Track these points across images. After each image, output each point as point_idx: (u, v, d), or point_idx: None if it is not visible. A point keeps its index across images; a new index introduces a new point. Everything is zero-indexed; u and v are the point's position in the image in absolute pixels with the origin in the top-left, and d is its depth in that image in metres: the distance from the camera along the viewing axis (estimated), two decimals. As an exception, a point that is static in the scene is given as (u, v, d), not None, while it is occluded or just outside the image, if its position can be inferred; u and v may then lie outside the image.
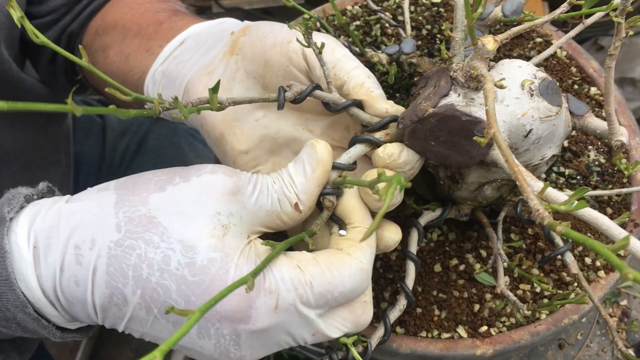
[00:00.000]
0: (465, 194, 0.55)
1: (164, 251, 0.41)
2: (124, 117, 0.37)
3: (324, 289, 0.43)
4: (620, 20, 0.42)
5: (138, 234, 0.42)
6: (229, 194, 0.44)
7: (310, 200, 0.47)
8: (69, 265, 0.42)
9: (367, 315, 0.47)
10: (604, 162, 0.66)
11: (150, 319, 0.43)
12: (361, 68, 0.52)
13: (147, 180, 0.45)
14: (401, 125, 0.48)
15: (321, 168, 0.46)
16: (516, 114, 0.46)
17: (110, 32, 0.70)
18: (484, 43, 0.43)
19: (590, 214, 0.38)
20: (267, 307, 0.42)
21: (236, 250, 0.42)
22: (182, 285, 0.41)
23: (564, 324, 0.56)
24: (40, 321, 0.45)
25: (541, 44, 0.74)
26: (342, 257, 0.44)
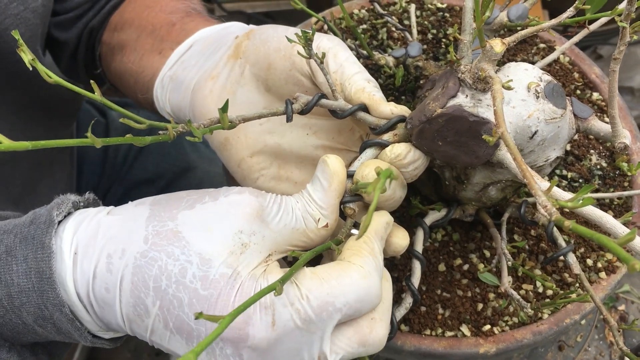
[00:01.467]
0: (470, 195, 0.56)
1: (182, 263, 0.43)
2: (140, 144, 0.38)
3: (322, 302, 0.41)
4: (625, 24, 0.43)
5: (162, 247, 0.43)
6: (254, 213, 0.45)
7: (333, 213, 0.47)
8: (101, 273, 0.44)
9: (375, 334, 0.45)
10: (605, 165, 0.67)
11: (167, 333, 0.44)
12: (362, 73, 0.52)
13: (180, 198, 0.47)
14: (409, 125, 0.49)
15: (336, 180, 0.47)
16: (522, 116, 0.47)
17: (127, 30, 0.72)
18: (492, 45, 0.44)
19: (595, 213, 0.39)
20: (264, 323, 0.41)
21: (247, 268, 0.43)
22: (193, 299, 0.42)
23: (566, 323, 0.57)
24: (75, 322, 0.46)
25: (544, 50, 0.75)
26: (342, 266, 0.44)
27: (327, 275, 0.43)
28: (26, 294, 0.45)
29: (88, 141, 0.33)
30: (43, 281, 0.45)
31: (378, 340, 0.45)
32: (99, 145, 0.33)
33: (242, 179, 0.58)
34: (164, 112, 0.65)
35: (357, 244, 0.46)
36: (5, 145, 0.28)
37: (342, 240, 0.48)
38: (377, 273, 0.44)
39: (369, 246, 0.45)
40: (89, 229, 0.46)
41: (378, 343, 0.45)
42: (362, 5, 0.78)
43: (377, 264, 0.45)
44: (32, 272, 0.45)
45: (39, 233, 0.46)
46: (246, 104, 0.56)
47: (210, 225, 0.44)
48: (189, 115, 0.59)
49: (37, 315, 0.46)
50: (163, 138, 0.40)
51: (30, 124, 0.79)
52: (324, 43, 0.52)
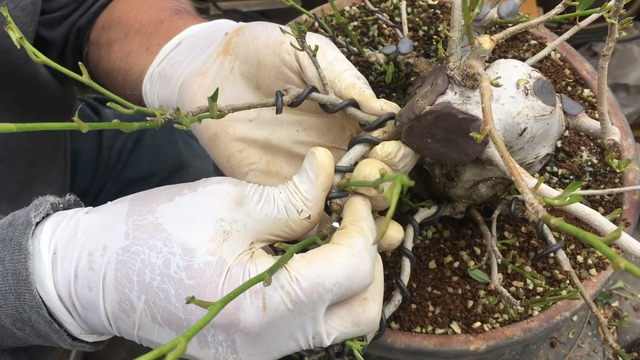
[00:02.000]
0: (461, 192, 0.56)
1: (165, 255, 0.42)
2: (128, 130, 0.38)
3: (311, 283, 0.41)
4: (613, 21, 0.43)
5: (144, 240, 0.43)
6: (234, 201, 0.45)
7: (318, 205, 0.47)
8: (82, 271, 0.44)
9: (368, 313, 0.45)
10: (596, 162, 0.67)
11: (156, 327, 0.44)
12: (351, 70, 0.53)
13: (159, 192, 0.47)
14: (398, 122, 0.49)
15: (324, 173, 0.47)
16: (511, 113, 0.47)
17: (115, 28, 0.71)
18: (480, 42, 0.44)
19: (583, 210, 0.39)
20: (255, 307, 0.41)
21: (233, 255, 0.43)
22: (180, 289, 0.42)
23: (556, 320, 0.57)
24: (53, 325, 0.45)
25: (535, 47, 0.75)
26: (330, 247, 0.43)
27: (316, 257, 0.43)
28: (3, 296, 0.45)
29: (75, 125, 0.32)
30: (20, 283, 0.44)
31: (371, 320, 0.45)
32: (85, 130, 0.33)
33: (232, 174, 0.57)
34: (152, 108, 0.64)
35: (345, 226, 0.46)
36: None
37: (327, 234, 0.48)
38: (367, 252, 0.44)
39: (357, 226, 0.45)
40: (68, 229, 0.46)
41: (371, 322, 0.45)
42: (353, 2, 0.78)
43: (366, 242, 0.44)
44: (8, 274, 0.44)
45: (17, 235, 0.45)
46: (236, 100, 0.55)
47: (190, 216, 0.44)
48: None
49: (15, 317, 0.45)
50: (151, 125, 0.40)
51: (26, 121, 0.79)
52: (312, 41, 0.52)
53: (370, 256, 0.44)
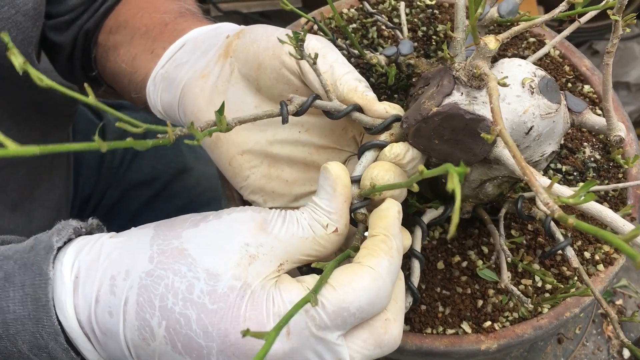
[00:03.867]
0: (467, 192, 0.56)
1: (190, 280, 0.42)
2: (142, 148, 0.38)
3: (337, 308, 0.41)
4: (617, 18, 0.43)
5: (168, 265, 0.43)
6: (258, 226, 0.45)
7: (342, 217, 0.46)
8: (104, 296, 0.43)
9: (390, 334, 0.44)
10: (599, 158, 0.67)
11: (176, 355, 0.43)
12: (352, 73, 0.52)
13: (184, 219, 0.47)
14: (405, 124, 0.49)
15: (340, 184, 0.46)
16: (517, 112, 0.47)
17: (122, 31, 0.71)
18: (486, 42, 0.44)
19: (595, 208, 0.39)
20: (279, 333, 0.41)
21: (257, 278, 0.42)
22: (202, 314, 0.41)
23: (566, 317, 0.57)
24: (69, 353, 0.45)
25: (534, 44, 0.75)
26: (354, 270, 0.43)
27: (340, 281, 0.42)
28: (21, 321, 0.44)
29: (95, 145, 0.32)
30: (39, 309, 0.44)
31: (393, 341, 0.45)
32: (104, 149, 0.33)
33: (233, 176, 0.57)
34: (155, 111, 0.64)
35: (374, 242, 0.44)
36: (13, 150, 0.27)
37: (358, 246, 0.47)
38: (390, 274, 0.43)
39: (387, 245, 0.44)
40: (92, 253, 0.45)
41: (393, 343, 0.45)
42: (351, 4, 0.78)
43: (391, 264, 0.43)
44: (28, 299, 0.44)
45: (38, 259, 0.45)
46: (237, 103, 0.56)
47: (215, 241, 0.44)
48: (179, 113, 0.59)
49: (32, 344, 0.45)
50: (163, 142, 0.40)
51: (26, 129, 0.78)
52: (312, 44, 0.52)
53: (392, 279, 0.43)
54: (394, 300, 0.45)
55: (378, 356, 0.45)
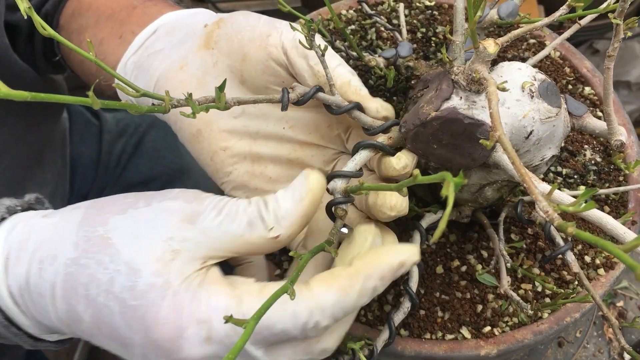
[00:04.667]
0: (466, 196, 0.55)
1: (111, 273, 0.41)
2: (136, 112, 0.37)
3: (260, 324, 0.39)
4: (618, 21, 0.43)
5: (92, 254, 0.42)
6: (186, 219, 0.43)
7: (292, 228, 0.44)
8: (33, 278, 0.43)
9: (322, 343, 0.43)
10: (600, 160, 0.67)
11: (103, 339, 0.43)
12: (344, 66, 0.52)
13: (114, 201, 0.45)
14: (404, 129, 0.48)
15: (310, 197, 0.44)
16: (517, 116, 0.47)
17: (85, 14, 0.68)
18: (485, 46, 0.43)
19: (596, 215, 0.39)
20: (198, 337, 0.40)
21: (180, 276, 0.41)
22: (124, 309, 0.41)
23: (566, 322, 0.56)
24: (10, 328, 0.45)
25: (535, 45, 0.75)
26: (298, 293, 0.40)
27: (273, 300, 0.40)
28: None
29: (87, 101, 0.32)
30: None
31: (324, 350, 0.44)
32: (97, 107, 0.32)
33: (215, 172, 0.56)
34: (126, 99, 0.62)
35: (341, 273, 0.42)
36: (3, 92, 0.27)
37: (333, 241, 0.46)
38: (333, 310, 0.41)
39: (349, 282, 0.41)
40: (23, 232, 0.45)
41: (324, 351, 0.44)
42: (349, 5, 0.77)
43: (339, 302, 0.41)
44: None
45: None
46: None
47: (140, 233, 0.42)
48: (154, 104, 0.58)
49: None
50: (158, 109, 0.39)
51: (10, 119, 0.76)
52: (302, 36, 0.51)
53: (334, 315, 0.41)
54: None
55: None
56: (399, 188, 0.37)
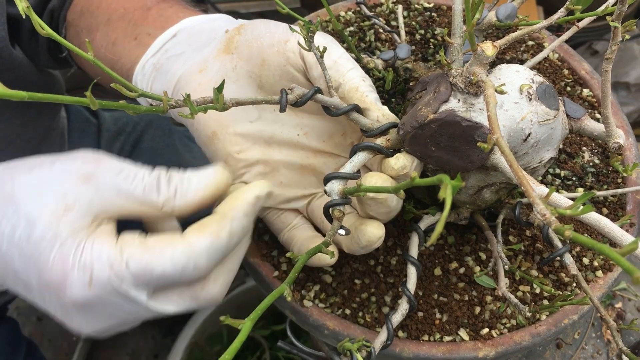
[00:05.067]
0: (465, 198, 0.55)
1: (13, 224, 0.44)
2: (134, 113, 0.38)
3: (139, 269, 0.43)
4: (616, 24, 0.43)
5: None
6: (82, 177, 0.46)
7: (185, 210, 0.48)
8: None
9: (206, 292, 0.47)
10: (598, 162, 0.67)
11: (12, 284, 0.47)
12: (356, 70, 0.52)
13: (25, 162, 0.49)
14: (402, 131, 0.48)
15: (212, 190, 0.48)
16: (515, 118, 0.47)
17: (95, 12, 0.69)
18: (483, 49, 0.43)
19: (593, 217, 0.39)
20: (81, 281, 0.43)
21: (69, 228, 0.44)
22: (22, 256, 0.44)
23: (564, 324, 0.56)
24: None
25: (533, 47, 0.75)
26: (172, 240, 0.45)
27: (153, 244, 0.44)
28: None
29: (85, 101, 0.32)
30: None
31: (210, 297, 0.47)
32: (95, 107, 0.33)
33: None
34: (142, 101, 0.63)
35: (208, 220, 0.46)
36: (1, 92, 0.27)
37: (329, 242, 0.47)
38: (208, 252, 0.45)
39: (219, 225, 0.46)
40: None
41: (210, 300, 0.47)
42: (348, 7, 0.77)
43: (213, 244, 0.45)
44: None
45: None
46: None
47: (40, 189, 0.46)
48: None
49: None
50: (157, 109, 0.40)
51: (6, 115, 0.76)
52: (318, 40, 0.52)
53: (211, 256, 0.45)
54: (221, 264, 0.48)
55: (196, 307, 0.47)
56: (396, 190, 0.37)
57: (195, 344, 1.33)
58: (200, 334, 1.34)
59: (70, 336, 1.62)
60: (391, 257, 0.60)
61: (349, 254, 0.60)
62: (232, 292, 1.37)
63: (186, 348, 1.29)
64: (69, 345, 1.60)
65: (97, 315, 0.45)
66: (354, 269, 0.60)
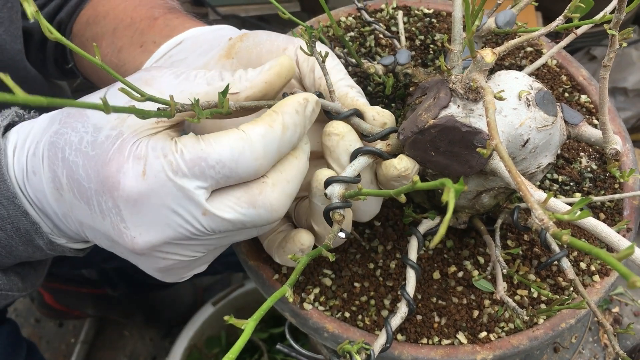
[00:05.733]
0: (463, 202, 0.56)
1: (81, 134, 0.45)
2: (144, 118, 0.39)
3: (195, 156, 0.43)
4: (614, 32, 0.43)
5: (69, 123, 0.47)
6: (144, 82, 0.47)
7: (251, 90, 0.48)
8: (30, 159, 0.48)
9: (265, 196, 0.46)
10: (595, 168, 0.67)
11: (77, 203, 0.46)
12: (346, 80, 0.53)
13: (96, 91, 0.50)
14: (402, 136, 0.49)
15: (277, 68, 0.48)
16: (514, 124, 0.47)
17: (101, 22, 0.71)
18: (482, 56, 0.44)
19: (590, 222, 0.39)
20: (134, 172, 0.43)
21: (132, 128, 0.44)
22: (85, 160, 0.45)
23: (561, 328, 0.57)
24: (28, 217, 0.49)
25: (532, 53, 0.75)
26: (226, 131, 0.45)
27: (207, 136, 0.44)
28: None
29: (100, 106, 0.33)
30: None
31: (269, 203, 0.46)
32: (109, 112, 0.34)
33: None
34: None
35: (261, 117, 0.46)
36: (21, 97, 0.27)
37: (330, 245, 0.47)
38: (263, 140, 0.45)
39: (270, 118, 0.46)
40: (27, 126, 0.50)
41: (269, 206, 0.46)
42: (349, 12, 0.78)
43: (267, 132, 0.45)
44: None
45: None
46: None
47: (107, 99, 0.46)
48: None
49: None
50: (165, 114, 0.40)
51: None
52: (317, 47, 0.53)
53: (267, 145, 0.45)
54: (279, 171, 0.47)
55: (256, 218, 0.46)
56: (397, 194, 0.37)
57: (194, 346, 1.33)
58: (198, 337, 1.35)
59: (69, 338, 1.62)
60: (390, 260, 0.61)
61: (349, 258, 0.61)
62: (231, 294, 1.38)
63: (184, 350, 1.30)
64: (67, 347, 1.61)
65: (151, 217, 0.44)
66: (354, 273, 0.60)
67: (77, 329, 1.62)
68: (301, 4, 1.64)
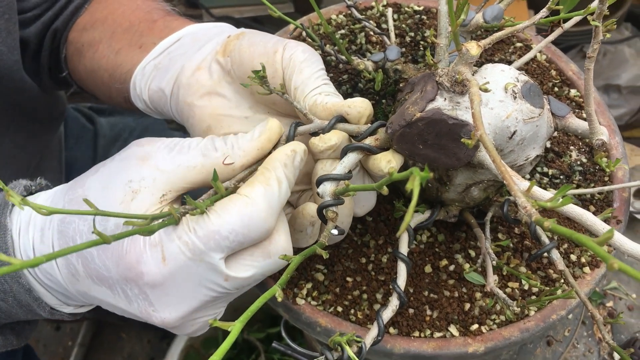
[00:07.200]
0: (453, 196, 0.56)
1: (89, 222, 0.47)
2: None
3: (207, 231, 0.44)
4: (597, 23, 0.44)
5: None
6: (140, 160, 0.48)
7: (245, 158, 0.49)
8: (38, 245, 0.49)
9: (275, 243, 0.47)
10: (585, 161, 0.68)
11: (96, 287, 0.47)
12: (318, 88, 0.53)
13: (93, 168, 0.51)
14: (390, 130, 0.49)
15: (266, 135, 0.49)
16: (500, 116, 0.48)
17: (99, 28, 0.71)
18: (467, 48, 0.44)
19: (575, 211, 0.40)
20: (154, 260, 0.44)
21: (139, 212, 0.46)
22: (99, 251, 0.46)
23: (552, 319, 0.57)
24: (32, 293, 0.50)
25: (521, 49, 0.76)
26: (229, 199, 0.46)
27: (214, 208, 0.45)
28: None
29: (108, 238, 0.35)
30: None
31: (281, 248, 0.48)
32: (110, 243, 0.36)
33: None
34: (138, 100, 0.64)
35: (253, 177, 0.47)
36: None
37: (325, 243, 0.48)
38: (266, 199, 0.46)
39: (264, 176, 0.47)
40: (26, 211, 0.50)
41: (281, 250, 0.48)
42: (339, 10, 0.78)
43: (267, 191, 0.46)
44: None
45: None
46: (233, 100, 0.57)
47: (107, 184, 0.47)
48: (170, 102, 0.60)
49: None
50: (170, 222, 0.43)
51: (13, 128, 0.78)
52: (296, 55, 0.53)
53: (270, 203, 0.46)
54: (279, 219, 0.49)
55: (272, 266, 0.48)
56: (379, 187, 0.38)
57: (191, 347, 1.33)
58: (195, 338, 1.35)
59: (66, 341, 1.62)
60: (382, 255, 0.61)
61: (341, 253, 0.61)
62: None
63: (182, 351, 1.30)
64: (65, 350, 1.61)
65: (177, 295, 0.46)
66: (346, 267, 0.61)
67: (75, 331, 1.62)
68: (295, 5, 1.64)
